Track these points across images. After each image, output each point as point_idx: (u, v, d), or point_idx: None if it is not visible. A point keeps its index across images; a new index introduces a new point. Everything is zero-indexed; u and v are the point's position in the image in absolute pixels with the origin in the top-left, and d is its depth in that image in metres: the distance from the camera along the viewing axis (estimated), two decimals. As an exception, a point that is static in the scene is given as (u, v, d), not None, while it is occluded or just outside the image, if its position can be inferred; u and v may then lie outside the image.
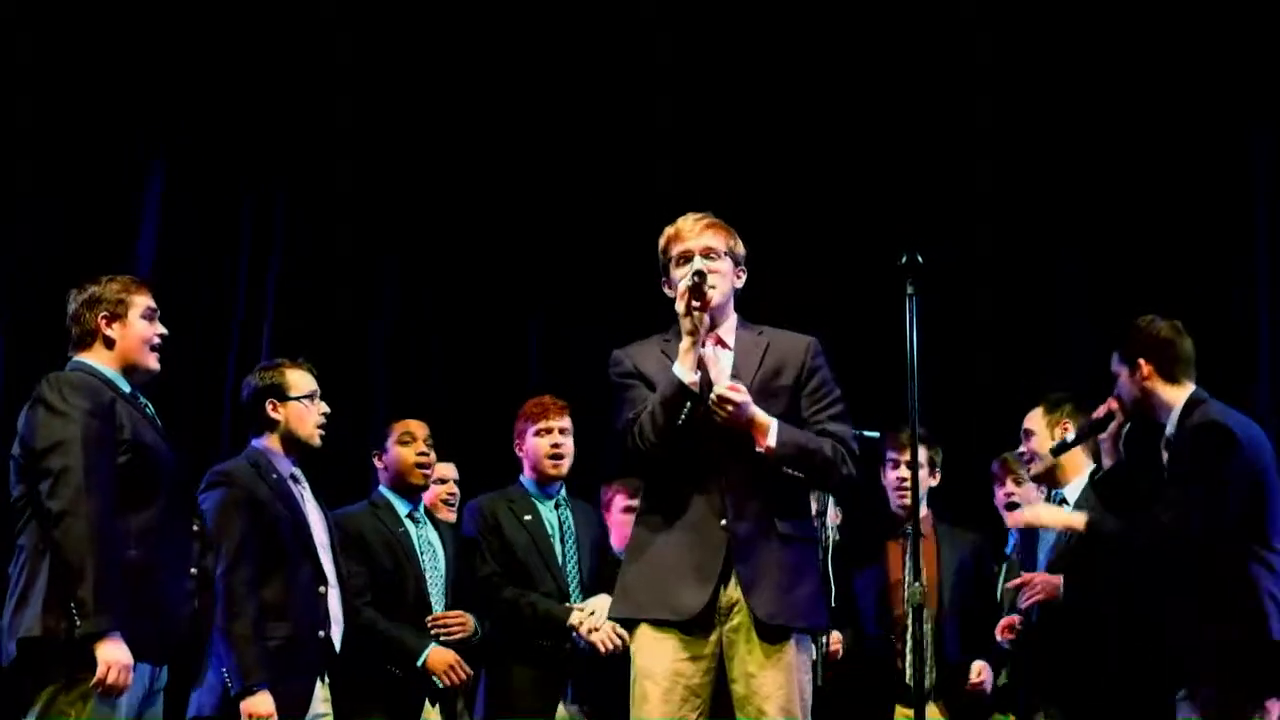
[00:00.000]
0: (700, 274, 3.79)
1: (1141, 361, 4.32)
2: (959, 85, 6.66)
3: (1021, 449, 4.99)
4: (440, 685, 4.84)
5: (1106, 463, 4.52)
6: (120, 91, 5.91)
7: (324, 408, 4.62)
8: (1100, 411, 4.43)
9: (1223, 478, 4.10)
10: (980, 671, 5.18)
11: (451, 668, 4.83)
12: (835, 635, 5.11)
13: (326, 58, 6.42)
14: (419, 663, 4.83)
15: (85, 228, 5.75)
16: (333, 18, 6.33)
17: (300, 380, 4.58)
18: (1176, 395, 4.30)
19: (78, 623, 3.62)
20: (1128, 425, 4.42)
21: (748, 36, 6.65)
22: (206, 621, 4.05)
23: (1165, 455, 4.31)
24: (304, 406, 4.56)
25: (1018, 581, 4.75)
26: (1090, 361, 6.44)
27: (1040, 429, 4.91)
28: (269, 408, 4.55)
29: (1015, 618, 4.85)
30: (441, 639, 4.88)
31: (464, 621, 4.94)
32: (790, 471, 3.79)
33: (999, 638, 4.92)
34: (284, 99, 6.46)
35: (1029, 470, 5.04)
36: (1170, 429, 4.29)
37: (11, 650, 3.74)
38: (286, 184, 6.65)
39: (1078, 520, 4.36)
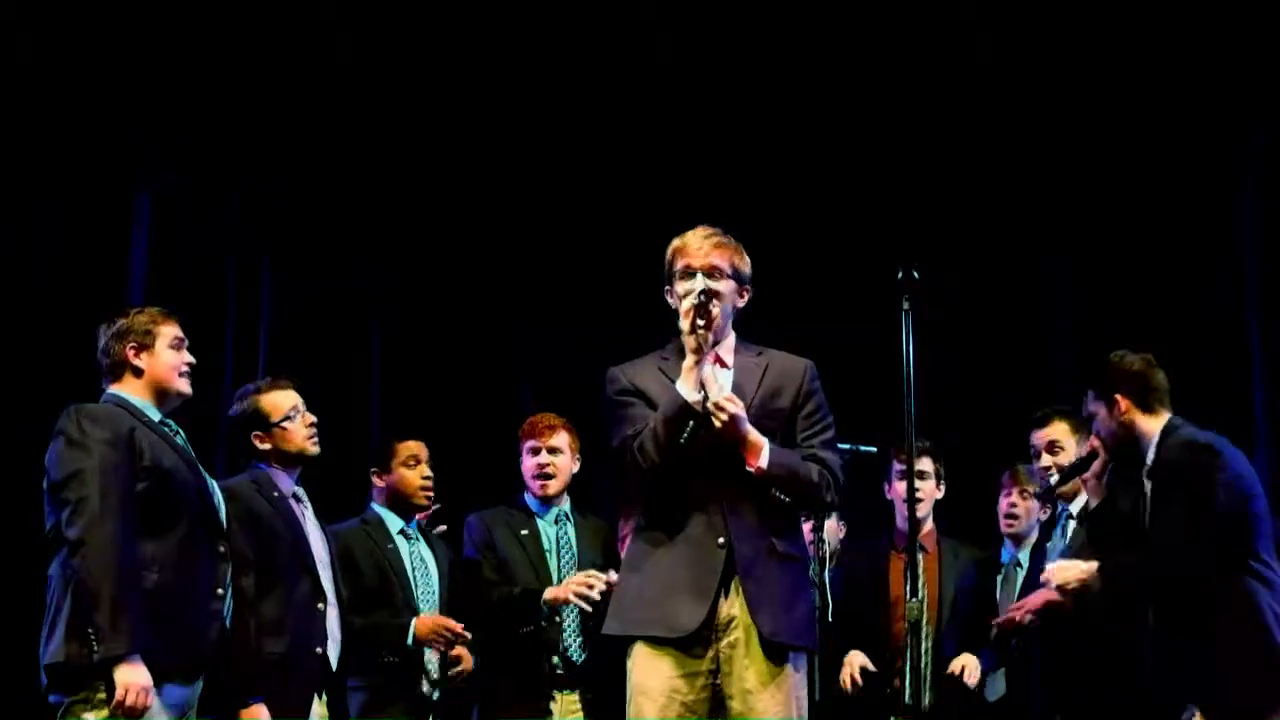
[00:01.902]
0: (707, 293, 3.81)
1: (1118, 397, 4.36)
2: (957, 88, 6.65)
3: (1047, 463, 4.94)
4: (440, 652, 4.87)
5: (1093, 501, 4.56)
6: (115, 92, 5.89)
7: (311, 418, 4.62)
8: (1083, 451, 4.47)
9: (1211, 492, 4.13)
10: (965, 666, 5.11)
11: (439, 627, 4.83)
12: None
13: (325, 58, 6.40)
14: (409, 640, 4.85)
15: (80, 229, 5.74)
16: (332, 18, 6.30)
17: (278, 401, 4.58)
18: (1154, 425, 4.34)
19: (96, 647, 3.68)
20: (1110, 463, 4.44)
21: (747, 38, 6.62)
22: (243, 643, 4.13)
23: (1148, 485, 4.34)
24: (285, 428, 4.57)
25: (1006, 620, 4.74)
26: (1078, 364, 6.53)
27: (1069, 444, 4.88)
28: (255, 440, 4.57)
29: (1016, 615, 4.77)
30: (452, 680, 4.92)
31: (464, 661, 4.96)
32: (776, 493, 3.80)
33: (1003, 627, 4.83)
34: (279, 101, 6.44)
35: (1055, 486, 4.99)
36: (1149, 458, 4.32)
37: (45, 678, 3.82)
38: (283, 186, 6.63)
39: (1090, 571, 4.32)
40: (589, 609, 4.76)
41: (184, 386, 4.13)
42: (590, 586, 4.73)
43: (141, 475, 3.89)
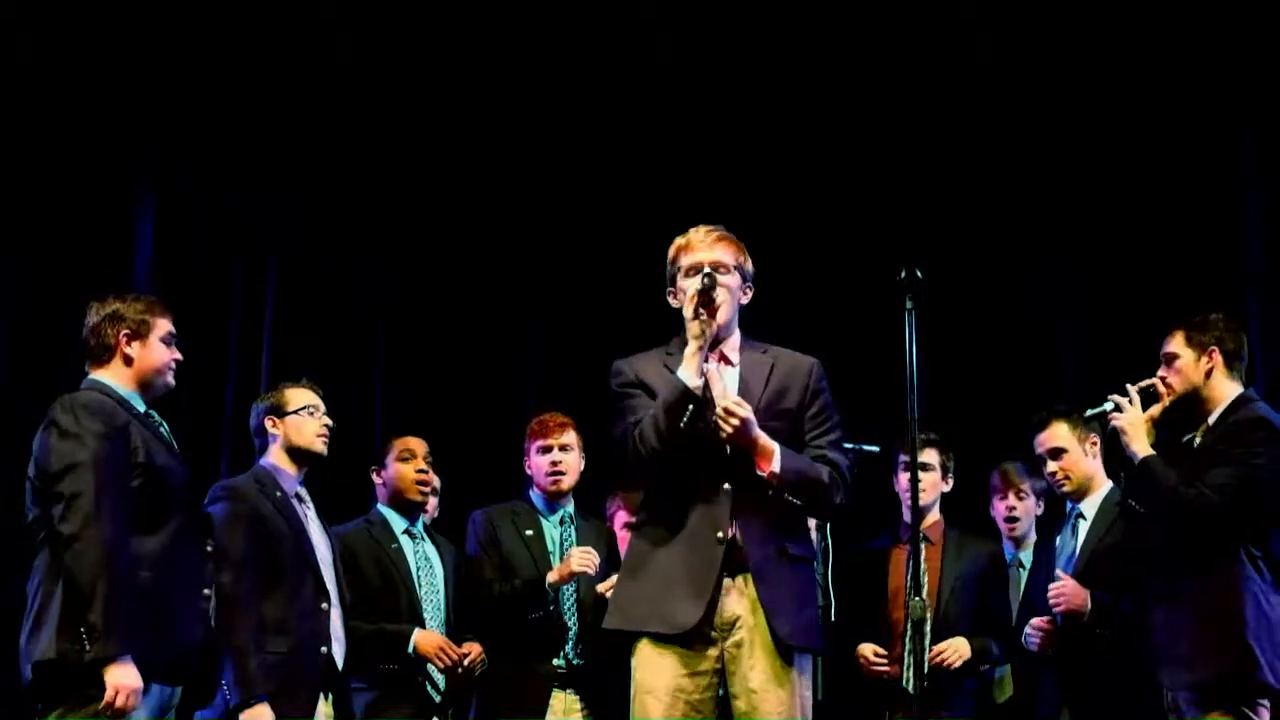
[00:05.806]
0: (711, 278, 3.81)
1: (1214, 349, 4.39)
2: (957, 88, 6.65)
3: (1052, 468, 4.95)
4: (437, 669, 4.90)
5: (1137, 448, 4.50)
6: (120, 91, 5.90)
7: (326, 420, 4.70)
8: (1148, 383, 4.44)
9: (1255, 463, 4.18)
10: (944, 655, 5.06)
11: (441, 650, 4.88)
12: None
13: (327, 58, 6.40)
14: (410, 649, 4.88)
15: (85, 229, 5.75)
16: (333, 18, 6.31)
17: (298, 396, 4.69)
18: (1229, 390, 4.38)
19: (88, 647, 3.63)
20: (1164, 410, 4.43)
21: (747, 39, 6.62)
22: (222, 642, 4.08)
23: (1197, 441, 4.39)
24: (301, 418, 4.64)
25: (1057, 588, 4.75)
26: (1082, 364, 6.54)
27: (1073, 445, 4.91)
28: (269, 424, 4.66)
29: (1046, 620, 4.81)
30: (460, 670, 4.93)
31: (475, 653, 4.97)
32: (789, 498, 3.81)
33: (1028, 636, 4.86)
34: (282, 101, 6.44)
35: (1061, 489, 4.98)
36: (1212, 419, 4.36)
37: (28, 673, 3.75)
38: (281, 187, 6.62)
39: (1141, 449, 4.32)
40: (593, 573, 4.85)
41: (171, 382, 4.08)
42: (588, 558, 4.85)
43: (136, 471, 3.83)
